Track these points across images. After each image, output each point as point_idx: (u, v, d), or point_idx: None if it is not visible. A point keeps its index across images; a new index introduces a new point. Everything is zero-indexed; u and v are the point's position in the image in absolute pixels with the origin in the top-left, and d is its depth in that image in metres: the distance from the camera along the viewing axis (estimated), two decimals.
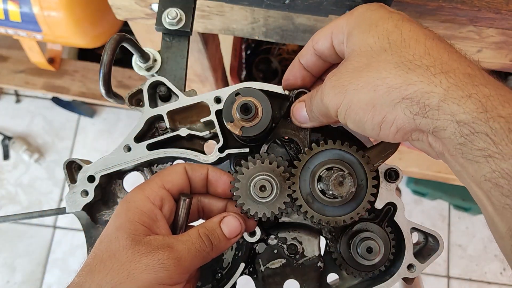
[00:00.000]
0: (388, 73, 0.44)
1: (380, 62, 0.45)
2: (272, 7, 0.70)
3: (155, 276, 0.48)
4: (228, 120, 0.57)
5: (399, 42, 0.46)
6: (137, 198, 0.54)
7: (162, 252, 0.49)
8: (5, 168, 2.35)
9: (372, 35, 0.47)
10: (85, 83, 1.97)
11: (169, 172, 0.58)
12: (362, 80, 0.46)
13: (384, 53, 0.46)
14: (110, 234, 0.51)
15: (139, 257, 0.49)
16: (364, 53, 0.47)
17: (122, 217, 0.52)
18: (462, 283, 2.17)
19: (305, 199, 0.58)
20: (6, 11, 1.46)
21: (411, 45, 0.45)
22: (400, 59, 0.45)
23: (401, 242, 0.62)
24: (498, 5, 0.70)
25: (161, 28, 0.67)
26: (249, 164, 0.58)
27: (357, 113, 0.47)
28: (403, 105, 0.43)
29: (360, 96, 0.46)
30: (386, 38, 0.47)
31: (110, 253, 0.49)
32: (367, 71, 0.46)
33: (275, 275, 0.64)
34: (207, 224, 0.56)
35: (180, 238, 0.53)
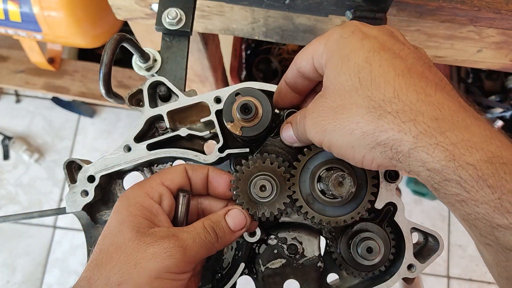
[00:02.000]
0: (361, 118, 0.45)
1: (353, 105, 0.46)
2: (272, 7, 0.70)
3: (162, 265, 0.48)
4: (228, 120, 0.57)
5: (369, 81, 0.46)
6: (136, 194, 0.55)
7: (168, 240, 0.50)
8: (5, 168, 2.35)
9: (344, 72, 0.48)
10: (85, 83, 1.97)
11: (168, 171, 0.58)
12: (338, 122, 0.47)
13: (356, 95, 0.46)
14: (114, 228, 0.52)
15: (145, 247, 0.49)
16: (337, 92, 0.48)
17: (123, 212, 0.53)
18: (462, 283, 2.17)
19: (305, 200, 0.58)
20: (6, 11, 1.46)
21: (381, 85, 0.45)
22: (370, 103, 0.45)
23: (401, 242, 0.62)
24: (498, 5, 0.70)
25: (161, 28, 0.67)
26: (249, 164, 0.58)
27: (339, 151, 0.49)
28: (378, 150, 0.45)
29: (338, 137, 0.48)
30: (357, 76, 0.46)
31: (116, 246, 0.50)
32: (342, 113, 0.47)
33: (275, 275, 0.64)
34: (212, 217, 0.56)
35: (185, 229, 0.53)
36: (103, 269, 0.49)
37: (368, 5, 0.66)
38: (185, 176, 0.59)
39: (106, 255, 0.50)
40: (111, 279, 0.48)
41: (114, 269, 0.48)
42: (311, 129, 0.51)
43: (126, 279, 0.48)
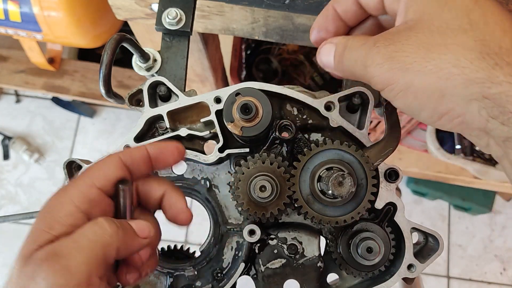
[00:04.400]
0: (469, 62, 0.38)
1: (459, 46, 0.38)
2: (272, 7, 0.70)
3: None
4: (228, 120, 0.57)
5: (482, 25, 0.39)
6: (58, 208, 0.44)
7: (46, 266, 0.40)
8: (5, 168, 2.35)
9: (448, 9, 0.40)
10: (85, 83, 1.97)
11: (99, 166, 0.48)
12: (433, 62, 0.39)
13: (464, 35, 0.39)
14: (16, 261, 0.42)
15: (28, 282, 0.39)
16: (437, 28, 0.40)
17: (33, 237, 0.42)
18: (462, 283, 2.17)
19: (305, 200, 0.58)
20: (6, 11, 1.46)
21: (496, 32, 0.38)
22: (484, 48, 0.38)
23: (401, 242, 0.62)
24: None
25: (161, 28, 0.67)
26: (249, 164, 0.58)
27: (417, 97, 0.41)
28: (481, 104, 0.38)
29: (426, 80, 0.39)
30: (466, 16, 0.39)
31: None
32: (440, 52, 0.39)
33: (275, 275, 0.64)
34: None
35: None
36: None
37: None
38: (121, 166, 0.48)
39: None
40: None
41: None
42: (382, 63, 0.42)
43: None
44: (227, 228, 0.66)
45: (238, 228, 0.66)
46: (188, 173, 0.66)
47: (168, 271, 0.66)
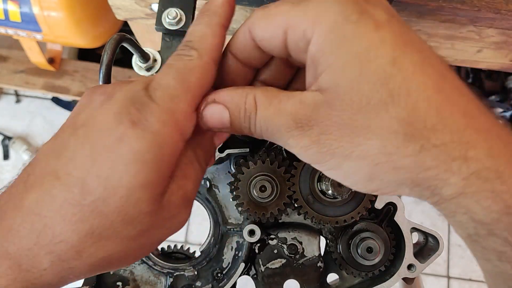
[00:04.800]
0: (395, 148, 0.34)
1: (383, 129, 0.34)
2: None
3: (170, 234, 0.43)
4: None
5: (404, 96, 0.34)
6: (172, 139, 0.38)
7: (184, 213, 0.42)
8: (5, 168, 2.35)
9: (365, 78, 0.34)
10: (85, 83, 1.97)
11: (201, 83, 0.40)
12: (359, 148, 0.36)
13: (386, 115, 0.34)
14: (129, 191, 0.36)
15: (162, 223, 0.39)
16: (357, 105, 0.35)
17: (152, 169, 0.36)
18: (462, 283, 2.17)
19: (305, 200, 0.58)
20: (6, 11, 1.46)
21: (419, 104, 0.34)
22: (409, 129, 0.34)
23: (401, 242, 0.62)
24: (498, 5, 0.70)
25: (161, 28, 0.67)
26: (249, 164, 0.58)
27: (346, 177, 0.38)
28: (411, 187, 0.36)
29: (355, 165, 0.37)
30: (385, 87, 0.34)
31: (125, 217, 0.36)
32: (366, 137, 0.35)
33: (275, 275, 0.64)
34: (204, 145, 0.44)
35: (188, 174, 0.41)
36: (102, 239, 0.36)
37: None
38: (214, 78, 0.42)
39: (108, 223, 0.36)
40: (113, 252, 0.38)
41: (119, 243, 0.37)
42: (308, 146, 0.37)
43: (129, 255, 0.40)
44: (227, 228, 0.66)
45: (238, 228, 0.66)
46: None
47: (168, 271, 0.66)
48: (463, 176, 0.33)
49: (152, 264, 0.66)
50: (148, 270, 0.66)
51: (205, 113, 0.41)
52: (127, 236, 0.37)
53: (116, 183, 0.35)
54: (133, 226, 0.37)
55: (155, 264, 0.66)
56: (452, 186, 0.34)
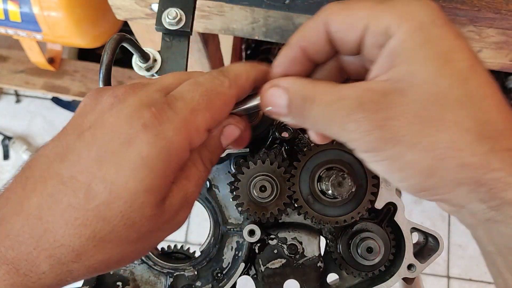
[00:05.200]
0: (465, 145, 0.35)
1: (457, 125, 0.35)
2: (272, 7, 0.70)
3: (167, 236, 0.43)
4: None
5: (480, 99, 0.35)
6: (180, 147, 0.38)
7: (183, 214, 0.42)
8: (5, 168, 2.35)
9: (445, 75, 0.35)
10: (85, 83, 1.97)
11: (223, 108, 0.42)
12: (428, 139, 0.35)
13: (462, 111, 0.35)
14: (134, 195, 0.36)
15: (162, 227, 0.40)
16: (433, 98, 0.35)
17: (159, 174, 0.37)
18: (462, 283, 2.17)
19: (305, 200, 0.58)
20: (6, 11, 1.46)
21: (493, 109, 0.35)
22: (481, 129, 0.35)
23: (401, 242, 0.62)
24: (498, 5, 0.70)
25: (161, 28, 0.67)
26: (249, 164, 0.58)
27: (402, 169, 0.37)
28: (472, 188, 0.36)
29: (419, 157, 0.36)
30: (464, 86, 0.35)
31: (127, 221, 0.37)
32: (437, 129, 0.35)
33: (275, 275, 0.64)
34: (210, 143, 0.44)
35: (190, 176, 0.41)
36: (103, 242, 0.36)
37: None
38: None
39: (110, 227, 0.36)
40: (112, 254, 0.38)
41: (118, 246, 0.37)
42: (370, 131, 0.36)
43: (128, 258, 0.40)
44: (227, 228, 0.66)
45: (238, 228, 0.66)
46: None
47: (168, 271, 0.66)
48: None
49: (152, 264, 0.66)
50: (148, 270, 0.66)
51: (265, 94, 0.41)
52: (128, 239, 0.37)
53: (121, 187, 0.35)
54: (135, 229, 0.37)
55: (155, 264, 0.66)
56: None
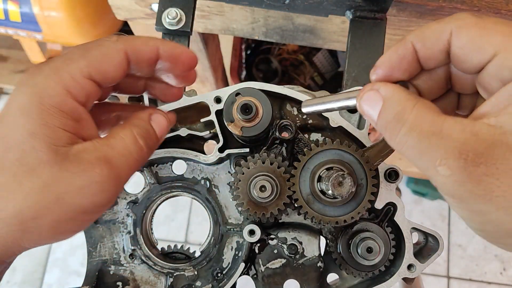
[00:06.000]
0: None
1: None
2: (272, 7, 0.70)
3: (92, 200, 0.40)
4: (228, 120, 0.57)
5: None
6: (52, 90, 0.40)
7: (99, 170, 0.40)
8: None
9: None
10: None
11: (102, 57, 0.43)
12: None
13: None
14: (22, 141, 0.39)
15: (70, 177, 0.39)
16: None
17: (35, 118, 0.39)
18: (462, 283, 2.17)
19: (305, 200, 0.58)
20: (6, 11, 1.47)
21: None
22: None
23: (401, 242, 0.62)
24: (498, 5, 0.70)
25: (161, 28, 0.67)
26: (249, 164, 0.58)
27: (484, 225, 0.36)
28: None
29: (504, 219, 0.34)
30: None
31: (26, 167, 0.38)
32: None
33: (275, 275, 0.64)
34: (139, 124, 0.46)
35: (115, 145, 0.43)
36: (10, 197, 0.38)
37: (368, 5, 0.66)
38: (124, 64, 0.44)
39: (13, 178, 0.38)
40: (24, 211, 0.38)
41: (28, 200, 0.38)
42: (463, 182, 0.34)
43: (44, 213, 0.39)
44: (227, 228, 0.66)
45: (238, 228, 0.66)
46: (188, 173, 0.67)
47: (168, 271, 0.66)
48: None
49: (152, 264, 0.66)
50: (148, 270, 0.66)
51: (364, 94, 0.40)
52: (32, 188, 0.38)
53: (10, 138, 0.39)
54: (36, 176, 0.38)
55: (155, 264, 0.66)
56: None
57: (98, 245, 0.66)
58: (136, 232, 0.66)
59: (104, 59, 0.43)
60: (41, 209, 0.39)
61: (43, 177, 0.39)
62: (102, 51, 0.43)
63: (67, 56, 0.42)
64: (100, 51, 0.43)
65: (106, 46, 0.43)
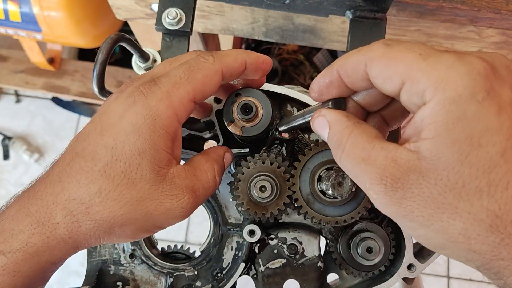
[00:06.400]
0: (477, 235, 0.35)
1: (470, 215, 0.35)
2: (272, 7, 0.70)
3: (171, 221, 0.46)
4: (228, 120, 0.57)
5: (501, 189, 0.34)
6: (165, 114, 0.45)
7: (187, 198, 0.46)
8: (5, 168, 2.35)
9: (470, 163, 0.34)
10: (85, 83, 1.97)
11: (204, 80, 0.47)
12: (440, 224, 0.36)
13: (478, 203, 0.35)
14: (130, 156, 0.43)
15: (163, 198, 0.44)
16: (452, 185, 0.35)
17: (147, 138, 0.44)
18: (462, 283, 2.17)
19: (305, 200, 0.58)
20: (6, 11, 1.47)
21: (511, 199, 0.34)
22: (495, 221, 0.35)
23: (401, 242, 0.62)
24: (498, 5, 0.70)
25: (161, 28, 0.67)
26: (249, 164, 0.58)
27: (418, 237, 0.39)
28: (478, 267, 0.37)
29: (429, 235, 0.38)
30: (487, 176, 0.34)
31: (129, 181, 0.43)
32: (450, 217, 0.36)
33: (275, 275, 0.64)
34: (218, 160, 0.52)
35: (200, 177, 0.48)
36: (109, 204, 0.43)
37: (368, 5, 0.66)
38: (219, 85, 0.49)
39: (114, 187, 0.43)
40: (116, 219, 0.43)
41: (123, 209, 0.43)
42: (387, 204, 0.38)
43: (131, 223, 0.44)
44: (227, 228, 0.66)
45: (238, 228, 0.66)
46: None
47: (168, 271, 0.66)
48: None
49: (152, 264, 0.66)
50: (148, 270, 0.66)
51: (314, 120, 0.46)
52: (130, 199, 0.43)
53: (120, 151, 0.43)
54: (136, 190, 0.43)
55: (155, 264, 0.66)
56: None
57: (98, 245, 0.66)
58: None
59: (206, 82, 0.47)
60: (130, 219, 0.44)
61: (141, 193, 0.44)
62: (204, 74, 0.47)
63: (173, 78, 0.46)
64: (203, 75, 0.47)
65: (207, 69, 0.47)
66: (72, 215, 0.43)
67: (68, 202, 0.43)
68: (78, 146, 0.45)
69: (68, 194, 0.43)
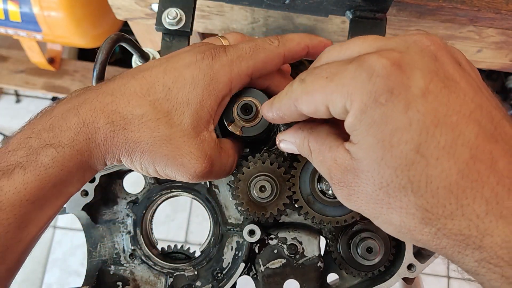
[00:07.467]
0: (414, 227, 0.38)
1: (402, 210, 0.37)
2: (272, 7, 0.70)
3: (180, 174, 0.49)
4: (228, 120, 0.57)
5: (424, 185, 0.35)
6: (221, 78, 0.50)
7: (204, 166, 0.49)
8: None
9: (387, 164, 0.36)
10: (85, 83, 1.97)
11: (266, 60, 0.52)
12: (384, 216, 0.40)
13: (405, 199, 0.36)
14: (180, 103, 0.48)
15: (185, 152, 0.48)
16: (379, 184, 0.38)
17: (199, 93, 0.49)
18: (462, 283, 2.17)
19: (305, 200, 0.58)
20: (6, 11, 1.47)
21: (439, 192, 0.35)
22: (426, 214, 0.36)
23: (401, 242, 0.62)
24: (498, 5, 0.70)
25: (161, 28, 0.67)
26: (249, 164, 0.58)
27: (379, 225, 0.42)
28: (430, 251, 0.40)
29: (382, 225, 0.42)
30: (406, 174, 0.36)
31: (169, 121, 0.47)
32: (387, 211, 0.39)
33: (275, 275, 0.64)
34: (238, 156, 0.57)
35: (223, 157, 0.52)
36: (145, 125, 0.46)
37: (368, 5, 0.66)
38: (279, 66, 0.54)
39: (155, 118, 0.47)
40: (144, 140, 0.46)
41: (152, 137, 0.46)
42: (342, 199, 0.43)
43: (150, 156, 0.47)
44: (227, 228, 0.66)
45: (238, 228, 0.66)
46: None
47: (168, 271, 0.66)
48: (475, 259, 0.35)
49: (152, 264, 0.66)
50: (148, 270, 0.66)
51: (280, 145, 0.51)
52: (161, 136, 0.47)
53: (173, 94, 0.48)
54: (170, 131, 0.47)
55: (155, 264, 0.66)
56: (466, 265, 0.36)
57: (98, 245, 0.66)
58: (136, 232, 0.66)
59: (268, 62, 0.52)
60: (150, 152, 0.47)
61: (172, 136, 0.47)
62: (268, 55, 0.52)
63: (239, 51, 0.51)
64: (266, 55, 0.52)
65: (271, 51, 0.52)
66: (112, 124, 0.46)
67: (112, 113, 0.46)
68: (138, 74, 0.49)
69: (116, 107, 0.46)
